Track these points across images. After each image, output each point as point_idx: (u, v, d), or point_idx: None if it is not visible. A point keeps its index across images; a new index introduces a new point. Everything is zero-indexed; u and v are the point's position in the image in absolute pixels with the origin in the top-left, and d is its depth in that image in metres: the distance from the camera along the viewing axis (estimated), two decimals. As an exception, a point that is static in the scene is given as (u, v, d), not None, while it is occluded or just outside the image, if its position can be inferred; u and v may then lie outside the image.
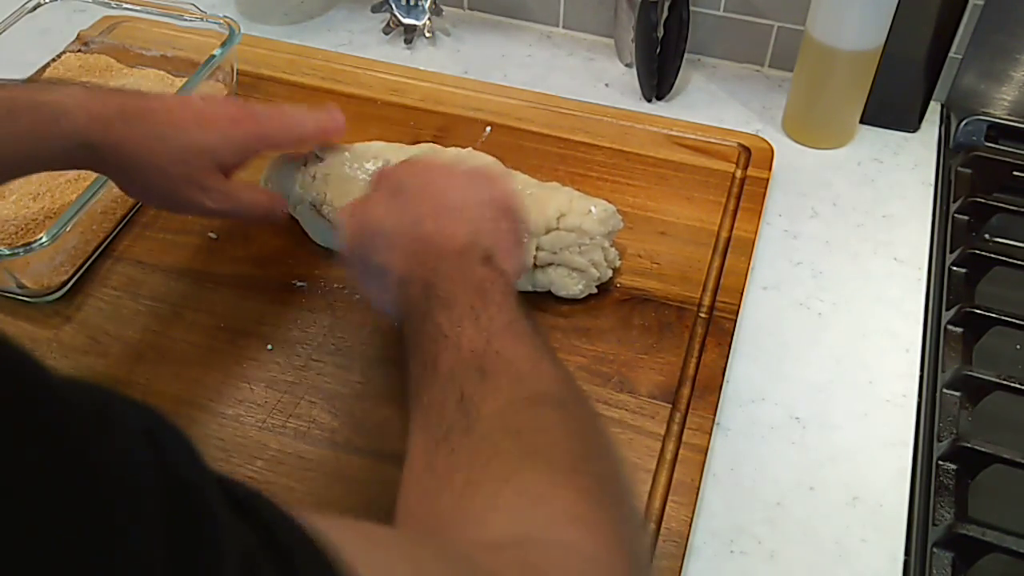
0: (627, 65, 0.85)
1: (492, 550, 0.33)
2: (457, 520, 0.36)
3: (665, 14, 0.77)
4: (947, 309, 0.64)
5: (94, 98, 0.52)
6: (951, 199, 0.72)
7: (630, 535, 0.37)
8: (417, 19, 0.88)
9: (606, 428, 0.43)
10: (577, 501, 0.36)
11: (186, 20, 0.78)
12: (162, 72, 0.80)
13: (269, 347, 0.60)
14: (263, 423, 0.56)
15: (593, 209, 0.60)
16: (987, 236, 0.69)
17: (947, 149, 0.77)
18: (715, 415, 0.57)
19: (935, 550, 0.51)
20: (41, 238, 0.59)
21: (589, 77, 0.85)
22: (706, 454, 0.55)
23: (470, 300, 0.44)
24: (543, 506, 0.35)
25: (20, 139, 0.50)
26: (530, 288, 0.61)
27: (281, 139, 0.59)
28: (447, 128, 0.76)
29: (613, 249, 0.62)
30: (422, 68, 0.83)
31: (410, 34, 0.88)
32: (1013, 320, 0.61)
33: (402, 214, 0.49)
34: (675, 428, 0.56)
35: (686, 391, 0.58)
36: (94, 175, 0.66)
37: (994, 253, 0.65)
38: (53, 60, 0.81)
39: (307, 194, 0.63)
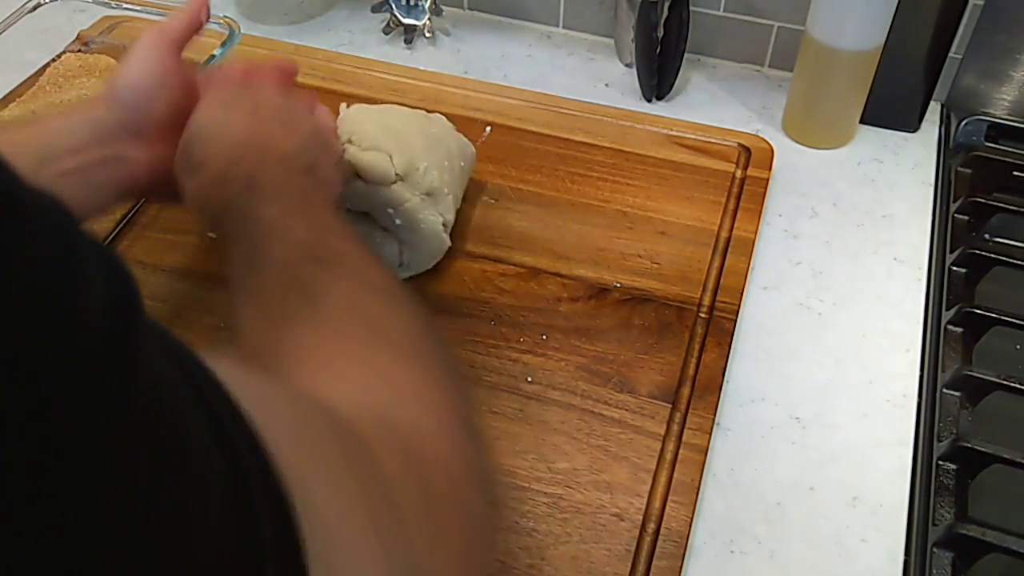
0: (627, 65, 0.85)
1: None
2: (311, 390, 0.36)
3: (665, 14, 0.77)
4: (947, 309, 0.64)
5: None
6: (951, 199, 0.72)
7: (469, 419, 0.38)
8: (417, 19, 0.88)
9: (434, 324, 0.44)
10: (423, 384, 0.37)
11: (186, 20, 0.78)
12: (162, 72, 0.80)
13: (269, 347, 0.60)
14: (263, 423, 0.56)
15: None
16: (987, 236, 0.69)
17: (947, 149, 0.77)
18: (715, 415, 0.57)
19: (935, 550, 0.51)
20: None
21: (589, 77, 0.85)
22: (706, 454, 0.55)
23: (298, 198, 0.45)
24: (392, 385, 0.36)
25: None
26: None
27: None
28: (447, 128, 0.76)
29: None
30: (422, 68, 0.83)
31: (410, 34, 0.88)
32: (1013, 320, 0.61)
33: (228, 116, 0.50)
34: (675, 428, 0.56)
35: (686, 391, 0.58)
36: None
37: (994, 253, 0.65)
38: (53, 60, 0.81)
39: None
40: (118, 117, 0.52)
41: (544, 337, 0.61)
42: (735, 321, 0.62)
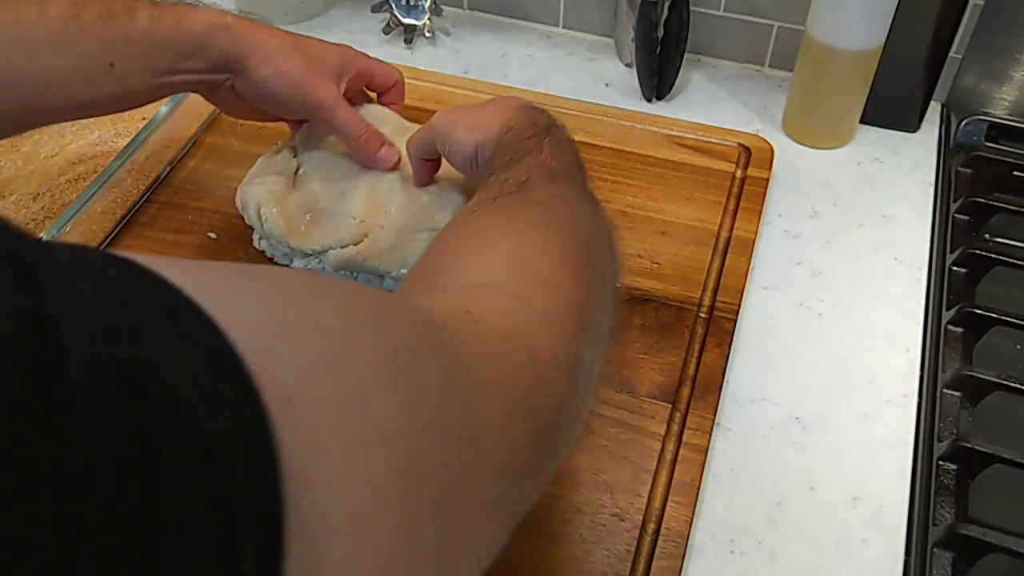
0: (627, 65, 0.85)
1: (446, 292, 0.36)
2: (451, 256, 0.40)
3: (665, 14, 0.77)
4: (947, 309, 0.64)
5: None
6: (951, 199, 0.72)
7: (596, 316, 0.38)
8: (417, 19, 0.88)
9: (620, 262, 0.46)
10: (557, 271, 0.38)
11: (186, 20, 0.78)
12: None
13: (269, 347, 0.60)
14: (263, 423, 0.56)
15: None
16: (987, 236, 0.69)
17: (947, 149, 0.77)
18: (715, 415, 0.57)
19: (935, 550, 0.51)
20: (41, 238, 0.59)
21: (589, 77, 0.85)
22: (706, 454, 0.55)
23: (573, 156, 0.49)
24: (524, 265, 0.38)
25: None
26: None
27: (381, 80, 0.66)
28: (447, 128, 0.76)
29: None
30: (422, 68, 0.83)
31: (410, 34, 0.88)
32: (1013, 320, 0.61)
33: (479, 113, 0.53)
34: (675, 428, 0.56)
35: (686, 391, 0.58)
36: (93, 175, 0.66)
37: (994, 253, 0.65)
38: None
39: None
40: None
41: (544, 337, 0.61)
42: (735, 321, 0.62)
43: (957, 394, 0.59)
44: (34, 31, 0.50)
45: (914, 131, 0.79)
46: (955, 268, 0.66)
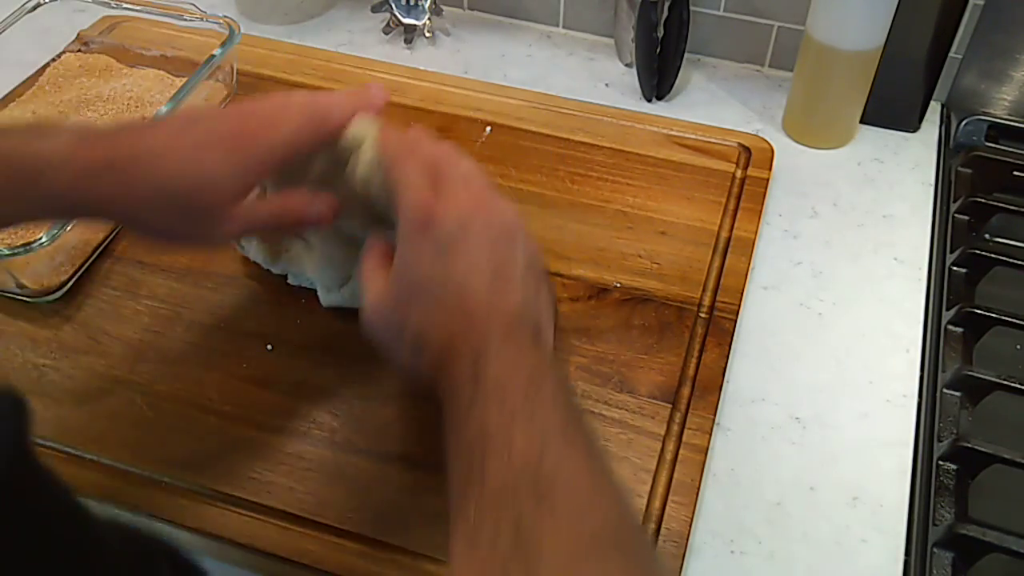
0: (627, 65, 0.85)
1: None
2: None
3: (665, 14, 0.77)
4: (947, 309, 0.64)
5: (82, 148, 0.46)
6: (951, 199, 0.72)
7: None
8: (417, 19, 0.88)
9: (658, 562, 0.41)
10: None
11: (186, 20, 0.78)
12: (162, 72, 0.80)
13: (269, 347, 0.60)
14: (263, 423, 0.56)
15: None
16: (987, 236, 0.69)
17: (947, 149, 0.77)
18: (715, 415, 0.57)
19: (935, 550, 0.51)
20: (41, 238, 0.59)
21: (589, 77, 0.85)
22: (706, 454, 0.55)
23: (523, 391, 0.40)
24: None
25: None
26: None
27: (293, 147, 0.49)
28: (447, 128, 0.76)
29: None
30: (422, 68, 0.83)
31: (410, 34, 0.88)
32: (1013, 320, 0.61)
33: (447, 269, 0.44)
34: (675, 428, 0.56)
35: (686, 391, 0.58)
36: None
37: (994, 253, 0.65)
38: (53, 60, 0.81)
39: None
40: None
41: (544, 337, 0.61)
42: (735, 321, 0.62)
43: (957, 394, 0.59)
44: None
45: (914, 131, 0.79)
46: (955, 268, 0.66)
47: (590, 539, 0.36)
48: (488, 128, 0.76)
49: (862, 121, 0.78)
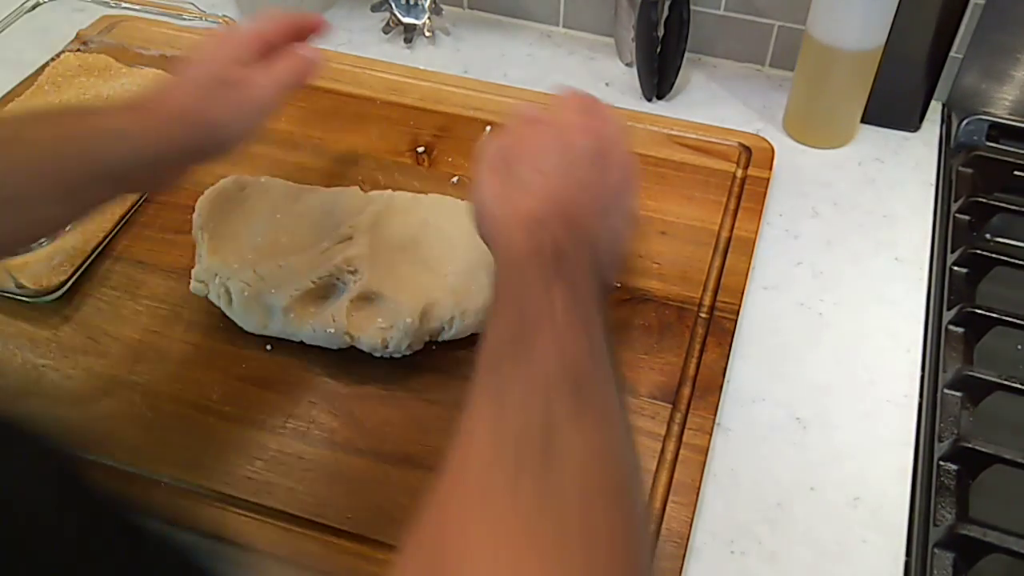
0: (627, 64, 0.85)
1: None
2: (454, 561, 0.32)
3: (665, 13, 0.77)
4: (948, 309, 0.64)
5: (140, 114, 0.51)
6: (952, 199, 0.72)
7: None
8: (417, 18, 0.88)
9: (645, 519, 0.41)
10: None
11: (185, 19, 0.78)
12: (161, 71, 0.80)
13: (268, 347, 0.60)
14: (262, 423, 0.56)
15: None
16: (988, 236, 0.69)
17: (948, 149, 0.77)
18: (715, 415, 0.57)
19: (936, 550, 0.51)
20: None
21: (589, 77, 0.85)
22: (706, 454, 0.55)
23: (590, 294, 0.41)
24: None
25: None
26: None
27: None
28: (447, 128, 0.76)
29: None
30: (422, 67, 0.83)
31: (410, 33, 0.88)
32: (1014, 320, 0.60)
33: (565, 152, 0.47)
34: (675, 428, 0.56)
35: (686, 391, 0.58)
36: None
37: (995, 253, 0.65)
38: (52, 59, 0.81)
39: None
40: (196, 157, 0.53)
41: (544, 337, 0.60)
42: (736, 321, 0.62)
43: (958, 394, 0.59)
44: None
45: (915, 131, 0.78)
46: (956, 268, 0.66)
47: (601, 476, 0.35)
48: (488, 128, 0.76)
49: (863, 121, 0.77)
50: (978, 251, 0.65)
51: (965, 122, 0.77)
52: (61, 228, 0.52)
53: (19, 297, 0.63)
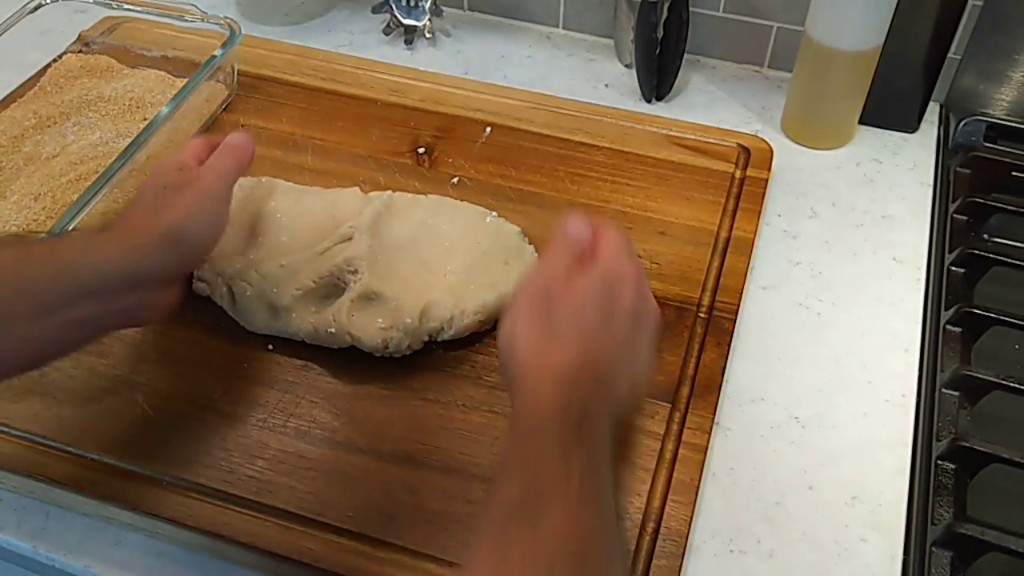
0: (627, 66, 0.86)
1: None
2: None
3: (665, 14, 0.77)
4: (946, 309, 0.64)
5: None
6: (950, 199, 0.72)
7: None
8: (417, 20, 0.88)
9: None
10: None
11: (187, 21, 0.78)
12: (163, 72, 0.80)
13: (270, 347, 0.60)
14: (264, 422, 0.56)
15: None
16: (986, 236, 0.69)
17: (946, 149, 0.77)
18: (715, 415, 0.57)
19: (934, 549, 0.52)
20: (41, 237, 0.60)
21: (589, 77, 0.85)
22: (706, 454, 0.55)
23: (606, 455, 0.41)
24: None
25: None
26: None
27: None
28: (447, 128, 0.76)
29: None
30: (422, 69, 0.83)
31: (410, 35, 0.89)
32: (1012, 320, 0.61)
33: (610, 306, 0.46)
34: (675, 428, 0.56)
35: (686, 391, 0.58)
36: (94, 176, 0.66)
37: (993, 253, 0.65)
38: (54, 61, 0.81)
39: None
40: (169, 265, 0.51)
41: (544, 337, 0.61)
42: (735, 321, 0.62)
43: (956, 394, 0.59)
44: None
45: (913, 131, 0.79)
46: (954, 268, 0.67)
47: None
48: (488, 129, 0.76)
49: (861, 121, 0.78)
50: (976, 251, 0.66)
51: (963, 123, 0.77)
52: (60, 353, 0.50)
53: (21, 297, 0.63)
